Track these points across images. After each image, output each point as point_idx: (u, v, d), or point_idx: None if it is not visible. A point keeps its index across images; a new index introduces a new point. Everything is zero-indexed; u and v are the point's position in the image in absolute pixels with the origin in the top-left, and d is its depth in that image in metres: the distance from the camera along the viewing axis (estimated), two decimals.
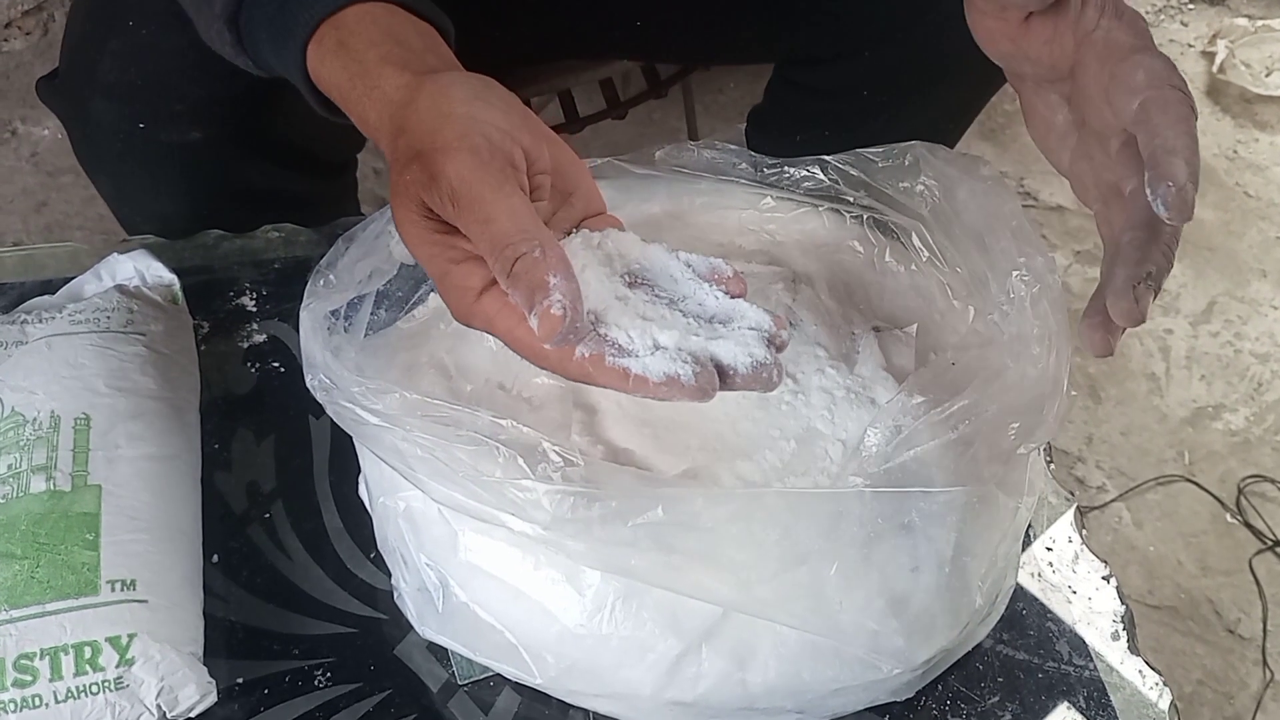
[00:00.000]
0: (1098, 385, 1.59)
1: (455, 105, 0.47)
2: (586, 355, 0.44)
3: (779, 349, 0.46)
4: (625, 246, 0.50)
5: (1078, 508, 0.67)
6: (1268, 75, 2.03)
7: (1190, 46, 2.16)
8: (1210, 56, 2.09)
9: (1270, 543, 1.43)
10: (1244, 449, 1.53)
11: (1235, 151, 1.95)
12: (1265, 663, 1.33)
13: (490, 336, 0.47)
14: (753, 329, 0.46)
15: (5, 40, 1.79)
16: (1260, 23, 2.11)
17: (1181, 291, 1.71)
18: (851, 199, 0.61)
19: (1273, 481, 1.50)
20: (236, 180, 0.81)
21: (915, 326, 0.61)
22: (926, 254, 0.60)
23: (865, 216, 0.63)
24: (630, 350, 0.44)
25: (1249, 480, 1.49)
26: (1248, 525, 1.45)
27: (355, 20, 0.52)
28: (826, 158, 0.61)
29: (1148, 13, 2.21)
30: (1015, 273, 0.47)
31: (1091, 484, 1.48)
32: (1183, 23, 2.21)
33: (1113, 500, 1.46)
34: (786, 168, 0.62)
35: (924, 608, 0.51)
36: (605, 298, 0.47)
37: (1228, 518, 1.46)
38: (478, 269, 0.46)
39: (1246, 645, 1.35)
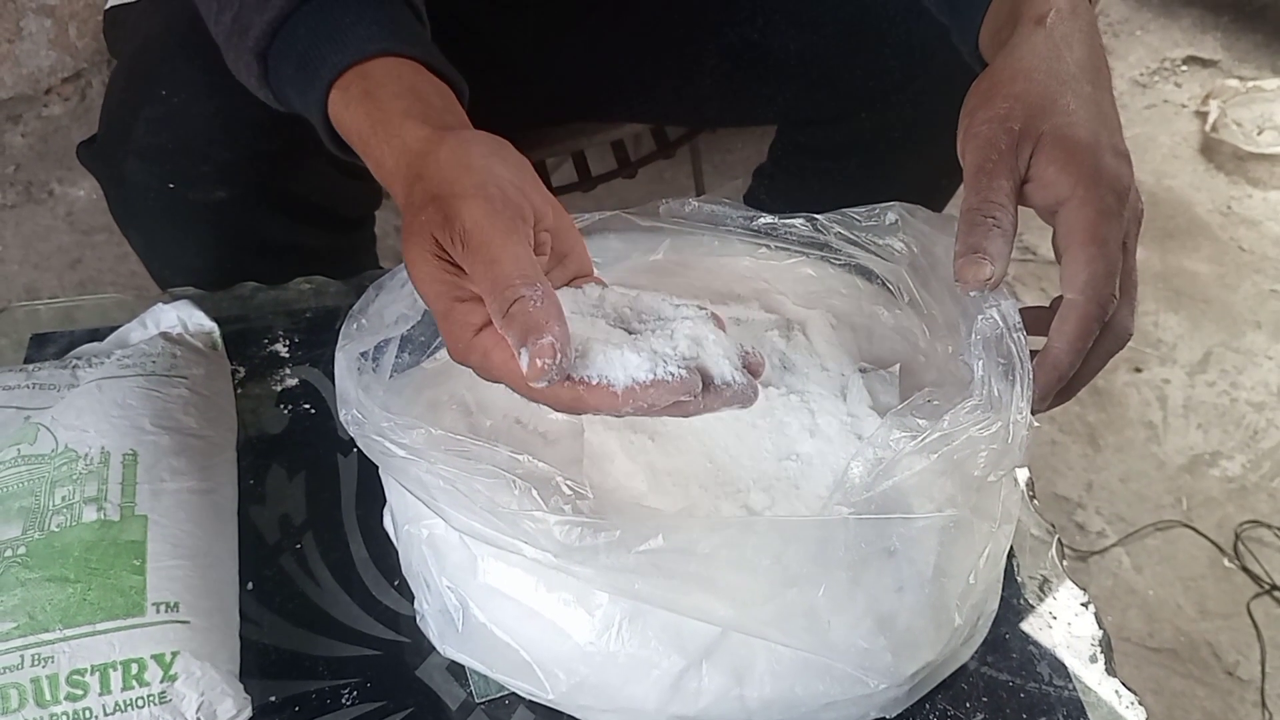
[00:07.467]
0: (1097, 433, 1.62)
1: (474, 159, 0.51)
2: (576, 379, 0.48)
3: (754, 374, 0.50)
4: (612, 296, 0.54)
5: (1059, 540, 0.70)
6: (1259, 134, 2.07)
7: (1184, 107, 2.21)
8: (1203, 116, 2.14)
9: (1268, 587, 1.44)
10: (1241, 495, 1.55)
11: (1229, 207, 1.99)
12: (1264, 705, 1.34)
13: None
14: (725, 356, 0.50)
15: (45, 105, 1.84)
16: (1251, 83, 2.16)
17: (1178, 342, 1.74)
18: (838, 249, 0.65)
19: (1269, 527, 1.51)
20: (260, 235, 0.85)
21: (898, 367, 0.64)
22: (908, 298, 0.63)
23: (851, 265, 0.66)
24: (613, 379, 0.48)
25: (1246, 525, 1.51)
26: (1245, 570, 1.47)
27: (382, 73, 0.56)
28: (816, 215, 0.64)
29: (1142, 74, 2.27)
30: (981, 316, 0.52)
31: (1091, 529, 1.50)
32: (1176, 84, 2.26)
33: (1112, 545, 1.48)
34: (778, 222, 0.66)
35: (908, 625, 0.54)
36: (589, 336, 0.50)
37: (1225, 562, 1.48)
38: (479, 308, 0.49)
39: (1245, 687, 1.35)
